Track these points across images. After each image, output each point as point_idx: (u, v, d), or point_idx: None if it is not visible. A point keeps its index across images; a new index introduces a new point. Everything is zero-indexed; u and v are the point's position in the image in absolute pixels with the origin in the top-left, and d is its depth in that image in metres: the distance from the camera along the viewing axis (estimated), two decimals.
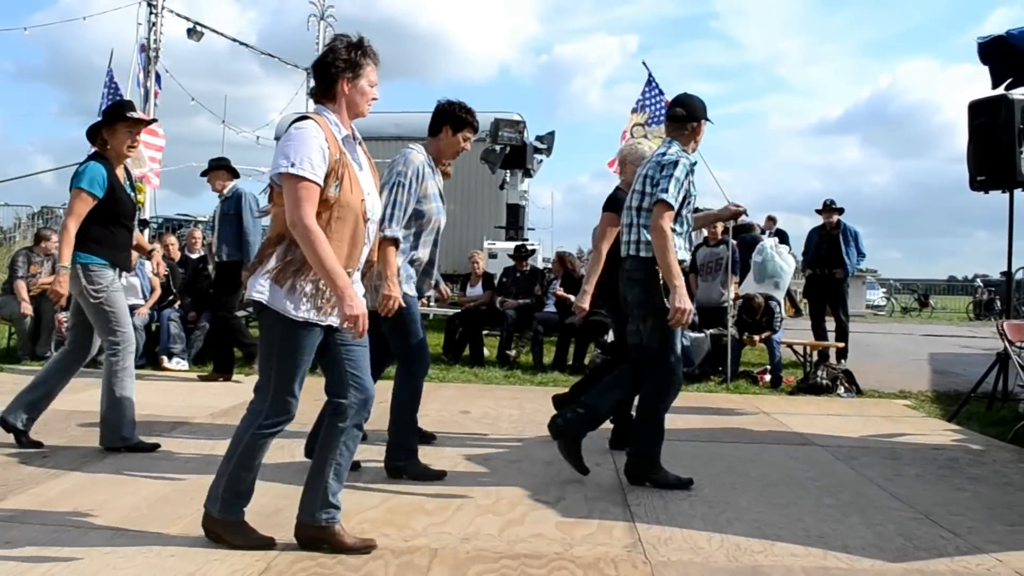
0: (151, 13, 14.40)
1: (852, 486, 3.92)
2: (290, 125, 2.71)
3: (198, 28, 16.00)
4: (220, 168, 6.71)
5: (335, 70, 2.74)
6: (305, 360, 2.73)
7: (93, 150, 4.22)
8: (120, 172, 4.22)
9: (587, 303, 4.55)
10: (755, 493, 3.71)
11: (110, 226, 4.10)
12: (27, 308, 7.56)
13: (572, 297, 8.20)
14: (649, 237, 3.70)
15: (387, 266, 3.55)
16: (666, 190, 3.62)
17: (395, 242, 3.64)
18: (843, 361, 7.73)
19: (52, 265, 7.90)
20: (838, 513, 3.44)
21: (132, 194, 4.37)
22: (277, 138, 13.09)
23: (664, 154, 3.76)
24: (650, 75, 7.68)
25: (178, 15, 15.57)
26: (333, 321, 2.71)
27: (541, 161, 12.60)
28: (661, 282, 3.67)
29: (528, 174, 12.15)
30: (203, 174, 6.87)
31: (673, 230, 3.64)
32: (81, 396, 5.81)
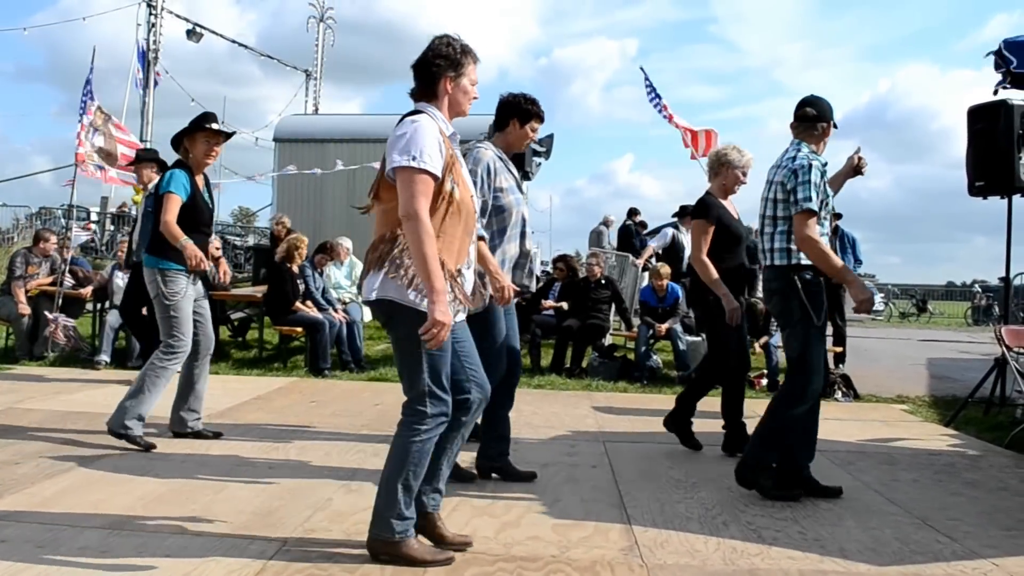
0: (151, 14, 14.42)
1: (849, 490, 3.89)
2: (401, 120, 2.70)
3: (198, 29, 16.01)
4: (149, 160, 6.31)
5: (437, 68, 2.74)
6: (447, 354, 2.68)
7: (176, 158, 4.44)
8: (199, 180, 4.41)
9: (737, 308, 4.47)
10: (752, 496, 3.70)
11: (189, 232, 4.25)
12: (24, 308, 7.56)
13: (564, 305, 8.21)
14: (784, 245, 3.67)
15: (488, 261, 3.51)
16: (808, 198, 3.56)
17: (482, 239, 3.60)
18: (841, 366, 7.72)
19: (50, 266, 7.92)
20: (835, 517, 3.43)
21: (210, 201, 4.55)
22: (276, 139, 13.06)
23: (795, 159, 3.68)
24: (647, 79, 7.72)
25: (178, 16, 15.59)
26: (460, 316, 2.73)
27: (540, 164, 12.61)
28: (800, 288, 3.62)
29: (527, 177, 12.15)
30: (130, 164, 6.76)
31: None
32: (76, 396, 5.82)
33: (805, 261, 3.63)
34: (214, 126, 4.44)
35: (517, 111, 3.79)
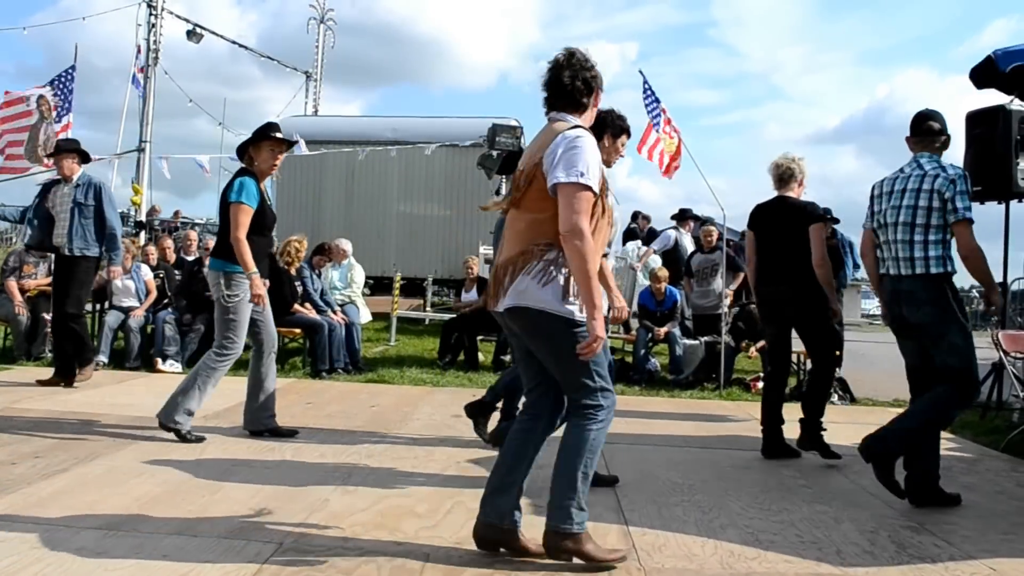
0: (151, 14, 14.41)
1: (845, 493, 3.92)
2: (564, 134, 2.71)
3: (198, 30, 16.01)
4: (71, 151, 6.14)
5: (591, 81, 2.81)
6: (603, 352, 2.74)
7: (241, 166, 4.59)
8: (262, 186, 4.56)
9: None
10: (748, 499, 3.71)
11: (254, 236, 4.40)
12: (21, 308, 7.54)
13: None
14: (940, 253, 3.70)
15: (608, 278, 3.64)
16: (968, 207, 3.66)
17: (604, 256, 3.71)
18: (838, 369, 7.73)
19: (48, 266, 7.90)
20: (831, 520, 3.44)
21: (271, 205, 4.70)
22: None
23: (943, 168, 3.75)
24: (646, 83, 7.72)
25: (178, 17, 15.59)
26: None
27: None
28: (952, 297, 3.70)
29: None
30: (50, 156, 6.75)
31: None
32: (74, 397, 5.80)
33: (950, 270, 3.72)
34: (278, 135, 4.60)
35: (611, 127, 3.83)
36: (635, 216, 11.90)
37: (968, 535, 3.30)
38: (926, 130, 3.88)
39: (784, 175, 4.81)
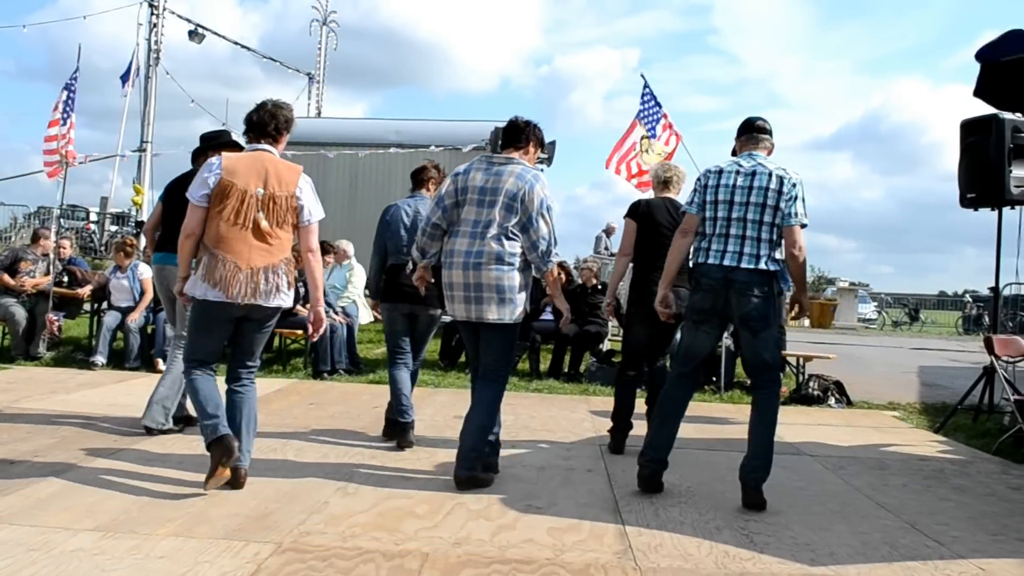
0: (152, 14, 14.41)
1: (839, 495, 3.95)
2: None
3: (199, 30, 16.01)
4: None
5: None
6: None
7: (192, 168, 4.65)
8: None
9: None
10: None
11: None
12: (9, 281, 7.64)
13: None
14: (769, 252, 3.69)
15: (558, 285, 3.87)
16: (806, 213, 3.76)
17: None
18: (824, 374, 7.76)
19: (47, 266, 7.93)
20: (825, 521, 3.47)
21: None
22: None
23: (785, 170, 3.80)
24: (647, 87, 7.76)
25: (180, 17, 15.60)
26: None
27: (542, 170, 12.68)
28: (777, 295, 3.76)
29: None
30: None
31: None
32: (72, 397, 5.82)
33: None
34: (236, 140, 4.70)
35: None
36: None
37: (958, 536, 3.34)
38: (758, 129, 3.91)
39: (666, 180, 4.96)
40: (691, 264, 3.87)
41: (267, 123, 3.65)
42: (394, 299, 4.67)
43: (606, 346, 8.50)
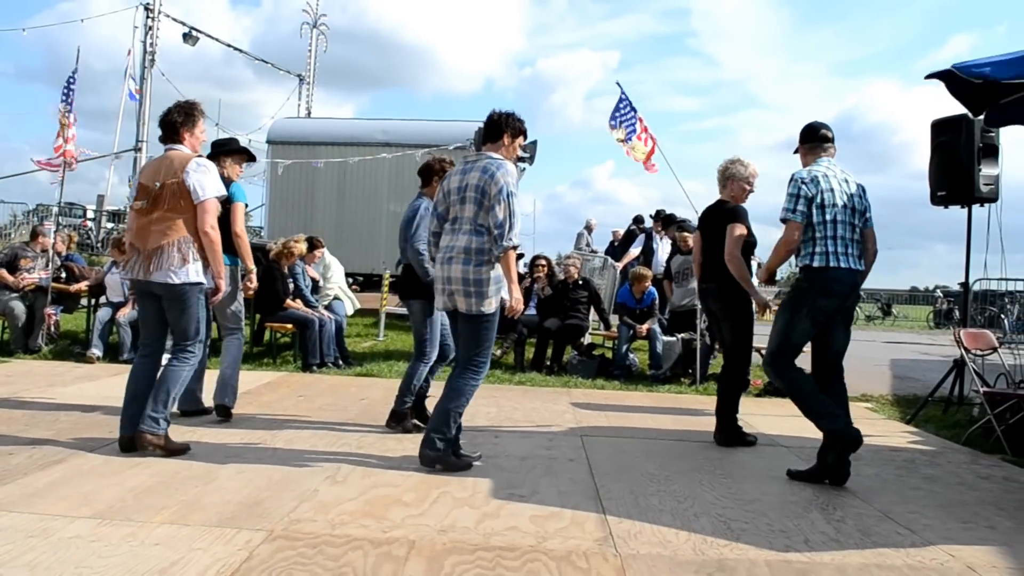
0: (148, 17, 14.39)
1: (814, 484, 4.03)
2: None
3: (194, 33, 16.01)
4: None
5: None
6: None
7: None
8: None
9: None
10: (722, 489, 3.84)
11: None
12: (8, 277, 7.65)
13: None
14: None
15: (512, 270, 3.93)
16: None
17: (515, 249, 3.93)
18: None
19: (46, 262, 7.99)
20: (800, 509, 3.57)
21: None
22: (269, 142, 13.16)
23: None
24: (623, 94, 7.91)
25: (174, 20, 15.58)
26: None
27: (524, 169, 12.78)
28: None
29: None
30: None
31: None
32: (70, 390, 5.86)
33: None
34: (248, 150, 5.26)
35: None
36: (636, 220, 12.12)
37: (929, 523, 3.44)
38: (824, 137, 4.23)
39: (718, 181, 5.21)
40: (804, 266, 4.07)
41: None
42: (403, 296, 4.93)
43: (587, 340, 8.62)
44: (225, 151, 5.04)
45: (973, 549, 3.11)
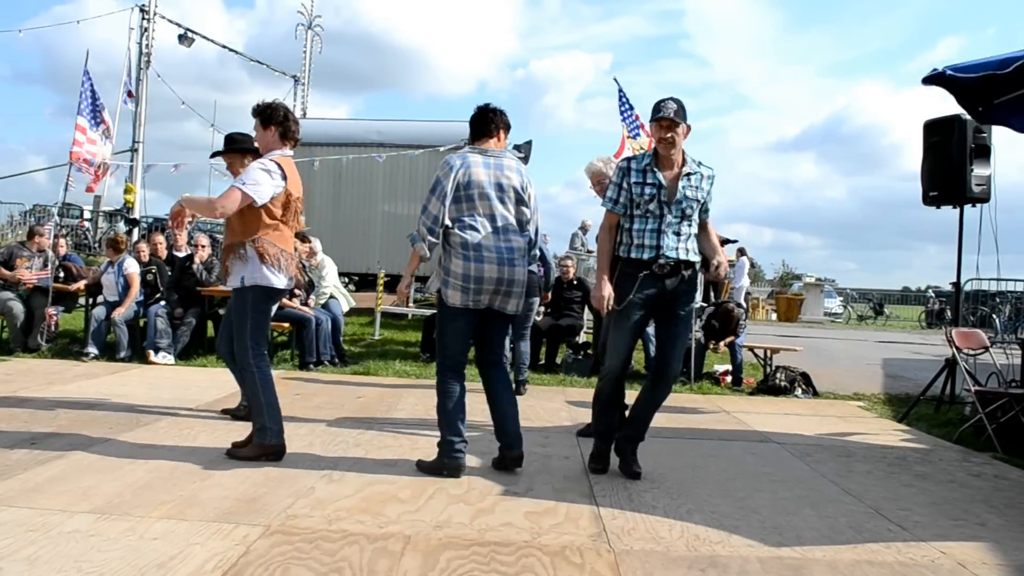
0: (143, 19, 14.41)
1: (806, 481, 4.08)
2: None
3: (189, 35, 16.02)
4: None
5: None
6: None
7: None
8: None
9: None
10: (715, 486, 3.87)
11: None
12: (7, 273, 7.71)
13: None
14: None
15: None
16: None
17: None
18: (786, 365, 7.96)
19: (43, 261, 8.01)
20: (792, 506, 3.59)
21: None
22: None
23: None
24: (621, 92, 7.92)
25: (170, 21, 15.60)
26: None
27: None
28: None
29: None
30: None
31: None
32: (69, 387, 5.88)
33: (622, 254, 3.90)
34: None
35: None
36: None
37: (920, 520, 3.46)
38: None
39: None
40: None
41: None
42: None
43: (581, 338, 8.65)
44: (239, 150, 4.98)
45: (964, 546, 3.13)
